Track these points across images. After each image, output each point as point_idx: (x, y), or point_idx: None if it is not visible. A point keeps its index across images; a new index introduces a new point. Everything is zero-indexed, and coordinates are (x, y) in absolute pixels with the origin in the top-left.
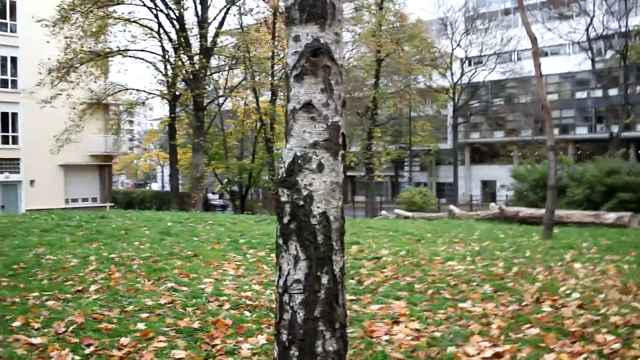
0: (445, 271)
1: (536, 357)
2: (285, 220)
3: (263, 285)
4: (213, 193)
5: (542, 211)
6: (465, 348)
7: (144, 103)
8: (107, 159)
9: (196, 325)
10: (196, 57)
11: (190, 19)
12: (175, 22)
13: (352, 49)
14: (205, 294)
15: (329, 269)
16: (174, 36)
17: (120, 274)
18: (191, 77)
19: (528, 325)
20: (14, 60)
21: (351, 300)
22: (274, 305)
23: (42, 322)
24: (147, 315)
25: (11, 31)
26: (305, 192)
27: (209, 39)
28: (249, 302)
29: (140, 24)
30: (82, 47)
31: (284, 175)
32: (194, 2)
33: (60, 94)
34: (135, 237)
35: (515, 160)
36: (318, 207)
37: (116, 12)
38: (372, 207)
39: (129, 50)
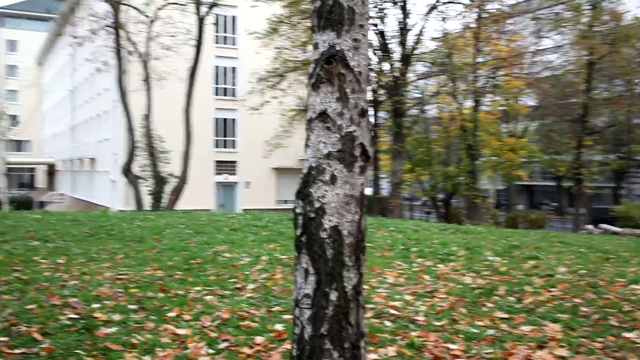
0: (623, 295)
1: None
2: (298, 232)
3: (416, 296)
4: (412, 200)
5: None
6: None
7: None
8: None
9: None
10: (396, 64)
11: (392, 26)
12: (376, 30)
13: (559, 53)
14: None
15: (338, 286)
16: (376, 44)
17: (282, 275)
18: (391, 83)
19: None
20: (233, 70)
21: (502, 318)
22: (417, 317)
23: (193, 315)
24: (289, 317)
25: (232, 44)
26: (317, 205)
27: (409, 46)
28: (393, 312)
29: None
30: (295, 57)
31: (300, 186)
32: (401, 6)
33: (268, 102)
34: None
35: None
36: (330, 221)
37: None
38: (577, 221)
39: None
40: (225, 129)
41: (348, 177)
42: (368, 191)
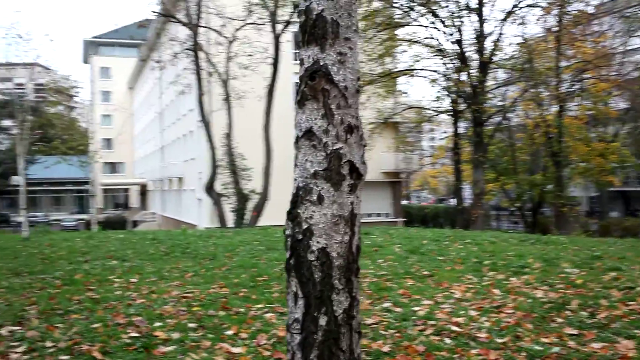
0: None
1: None
2: (287, 254)
3: (481, 312)
4: (499, 209)
5: None
6: None
7: (429, 120)
8: (397, 175)
9: (386, 348)
10: (473, 72)
11: (468, 34)
12: (452, 39)
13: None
14: (415, 317)
15: (328, 310)
16: (453, 53)
17: None
18: (469, 92)
19: None
20: None
21: (570, 335)
22: (479, 334)
23: (250, 333)
24: None
25: None
26: (305, 226)
27: (487, 53)
28: (454, 329)
29: (423, 44)
30: (370, 70)
31: (290, 207)
32: (477, 13)
33: None
34: (382, 255)
35: None
36: (318, 242)
37: (397, 35)
38: None
39: (412, 69)
40: None
41: (336, 196)
42: (451, 202)
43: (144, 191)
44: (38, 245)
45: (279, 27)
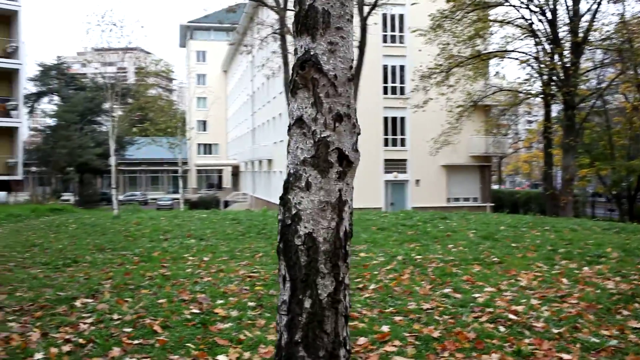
0: None
1: None
2: (278, 238)
3: (543, 301)
4: (594, 196)
5: None
6: None
7: (520, 103)
8: (487, 159)
9: (437, 334)
10: (566, 54)
11: (562, 14)
12: (545, 19)
13: None
14: (474, 303)
15: (312, 293)
16: (545, 34)
17: (409, 275)
18: (561, 74)
19: None
20: (402, 68)
21: (634, 328)
22: (536, 323)
23: None
24: (400, 318)
25: (400, 42)
26: (294, 211)
27: (581, 34)
28: (511, 317)
29: (516, 24)
30: (458, 51)
31: (282, 193)
32: None
33: (432, 99)
34: (454, 240)
35: None
36: (305, 227)
37: (489, 16)
38: None
39: (503, 51)
40: (394, 127)
41: (323, 183)
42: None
43: (236, 172)
44: (126, 223)
45: (366, 9)
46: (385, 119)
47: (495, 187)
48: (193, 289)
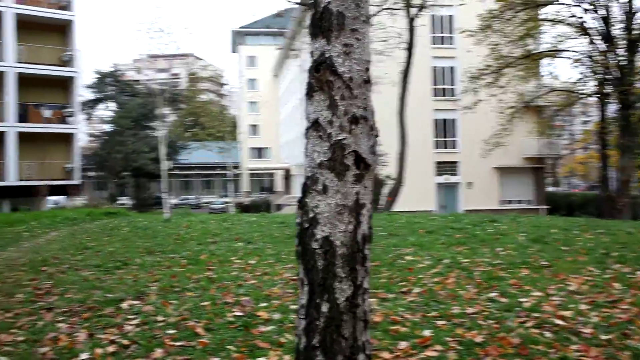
0: None
1: None
2: (296, 242)
3: (592, 306)
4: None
5: None
6: None
7: (574, 103)
8: (540, 161)
9: (480, 339)
10: (621, 52)
11: (616, 11)
12: (598, 17)
13: None
14: (519, 308)
15: (330, 297)
16: (598, 32)
17: (454, 279)
18: (616, 73)
19: None
20: (452, 70)
21: None
22: (584, 329)
23: None
24: (443, 322)
25: (450, 44)
26: (311, 215)
27: (637, 31)
28: (558, 322)
29: (567, 23)
30: (509, 52)
31: (300, 196)
32: None
33: (482, 100)
34: (502, 243)
35: None
36: (322, 231)
37: (539, 15)
38: None
39: (554, 50)
40: (445, 129)
41: (339, 186)
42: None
43: (287, 176)
44: (176, 227)
45: (413, 10)
46: (436, 121)
47: (550, 189)
48: (237, 292)
